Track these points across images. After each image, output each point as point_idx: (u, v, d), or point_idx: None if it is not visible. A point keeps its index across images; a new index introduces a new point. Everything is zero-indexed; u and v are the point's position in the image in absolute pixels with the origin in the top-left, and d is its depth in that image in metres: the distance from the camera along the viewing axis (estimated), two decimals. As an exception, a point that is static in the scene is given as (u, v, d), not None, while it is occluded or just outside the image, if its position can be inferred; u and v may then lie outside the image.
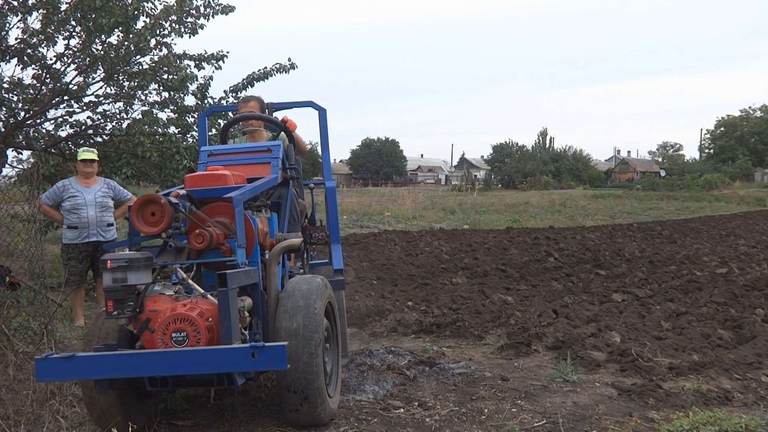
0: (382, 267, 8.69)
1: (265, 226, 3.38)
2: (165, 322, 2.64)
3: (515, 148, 65.03)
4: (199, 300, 2.79)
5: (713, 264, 8.79)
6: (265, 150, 3.82)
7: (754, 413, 3.31)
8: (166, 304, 2.74)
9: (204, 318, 2.67)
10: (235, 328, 2.68)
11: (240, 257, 2.95)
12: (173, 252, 2.95)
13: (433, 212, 21.24)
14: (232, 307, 2.65)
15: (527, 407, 3.46)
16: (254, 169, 3.70)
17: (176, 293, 2.81)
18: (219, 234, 2.95)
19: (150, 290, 2.80)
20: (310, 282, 3.15)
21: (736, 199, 29.69)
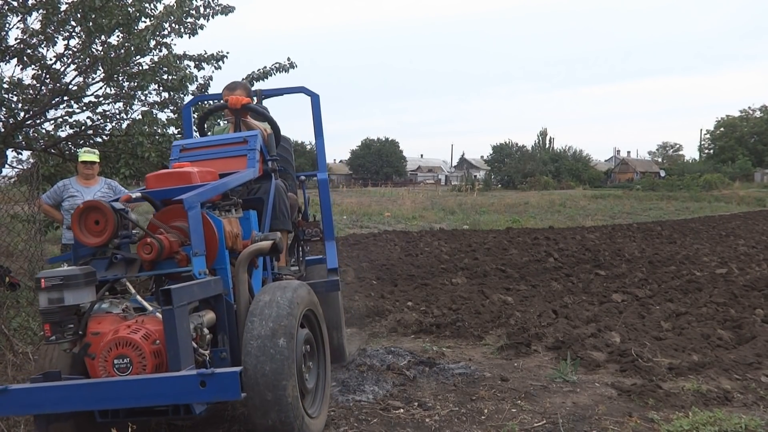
0: (381, 267, 8.70)
1: (236, 227, 3.05)
2: (106, 347, 2.31)
3: (515, 149, 65.03)
4: (146, 319, 2.44)
5: (713, 264, 8.79)
6: (241, 141, 3.49)
7: (754, 413, 3.31)
8: (110, 326, 2.40)
9: (150, 341, 2.33)
10: (184, 351, 2.32)
11: (197, 266, 2.58)
12: (123, 264, 2.64)
13: (433, 212, 21.24)
14: (179, 327, 2.28)
15: (527, 407, 3.46)
16: (229, 164, 3.40)
17: (124, 312, 2.49)
18: (173, 241, 2.63)
19: (96, 309, 2.47)
20: (282, 291, 2.74)
21: (736, 200, 29.67)
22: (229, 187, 3.11)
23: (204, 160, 3.39)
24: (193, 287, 2.44)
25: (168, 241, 2.61)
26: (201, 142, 3.66)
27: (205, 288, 2.57)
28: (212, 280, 2.65)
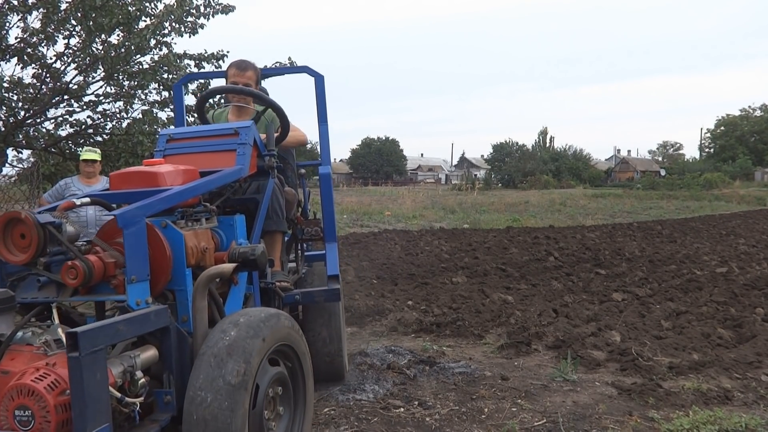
0: (382, 266, 8.69)
1: (205, 240, 2.54)
2: (7, 395, 1.89)
3: (515, 148, 65.08)
4: (61, 360, 1.93)
5: (713, 263, 8.79)
6: (231, 133, 3.03)
7: (754, 412, 3.31)
8: (22, 364, 1.98)
9: (58, 391, 1.86)
10: (95, 407, 1.82)
11: (133, 296, 2.11)
12: (55, 286, 2.20)
13: (433, 211, 21.24)
14: (88, 379, 1.79)
15: (527, 406, 3.46)
16: (216, 159, 2.97)
17: (45, 345, 2.02)
18: (109, 263, 2.16)
19: (17, 339, 2.05)
20: (238, 329, 2.17)
21: (736, 199, 29.66)
22: (199, 192, 2.60)
23: (191, 154, 3.01)
24: (116, 326, 1.93)
25: (101, 263, 2.14)
26: (190, 132, 3.23)
27: (139, 324, 2.04)
28: (153, 311, 2.13)
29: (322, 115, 4.14)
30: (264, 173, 3.18)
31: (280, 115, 3.43)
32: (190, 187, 2.54)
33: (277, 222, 3.26)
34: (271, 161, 3.18)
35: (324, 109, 4.13)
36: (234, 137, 3.03)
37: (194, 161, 2.88)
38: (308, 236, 3.81)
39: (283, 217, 3.30)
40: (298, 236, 3.76)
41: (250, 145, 3.02)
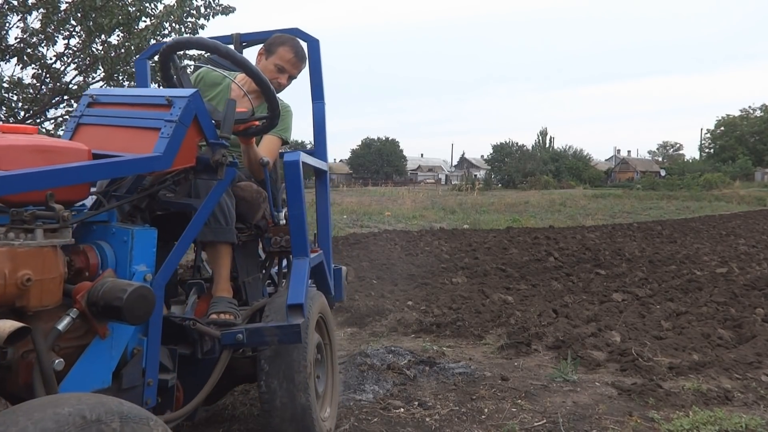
0: (382, 266, 8.69)
1: (37, 263, 1.58)
2: None
3: (515, 148, 65.11)
4: None
5: (713, 263, 8.79)
6: (164, 104, 2.10)
7: (754, 413, 3.31)
8: None
9: None
10: None
11: None
12: None
13: (433, 212, 21.24)
14: None
15: (527, 407, 3.46)
16: (135, 139, 2.10)
17: None
18: None
19: None
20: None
21: (736, 199, 29.67)
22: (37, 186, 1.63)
23: (111, 126, 2.25)
24: None
25: None
26: (118, 96, 2.47)
27: None
28: None
29: (317, 91, 3.36)
30: (209, 169, 2.20)
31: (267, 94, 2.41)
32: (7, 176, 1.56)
33: (218, 230, 2.48)
34: (223, 155, 2.18)
35: (319, 82, 3.34)
36: (164, 110, 2.09)
37: (110, 138, 2.17)
38: (277, 248, 2.85)
39: (228, 223, 2.50)
40: (266, 248, 2.87)
41: (186, 126, 2.06)
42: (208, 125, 2.19)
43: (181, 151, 2.07)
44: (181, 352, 2.29)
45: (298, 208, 2.58)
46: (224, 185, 2.30)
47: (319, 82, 3.34)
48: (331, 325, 3.04)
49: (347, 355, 4.39)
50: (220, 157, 2.19)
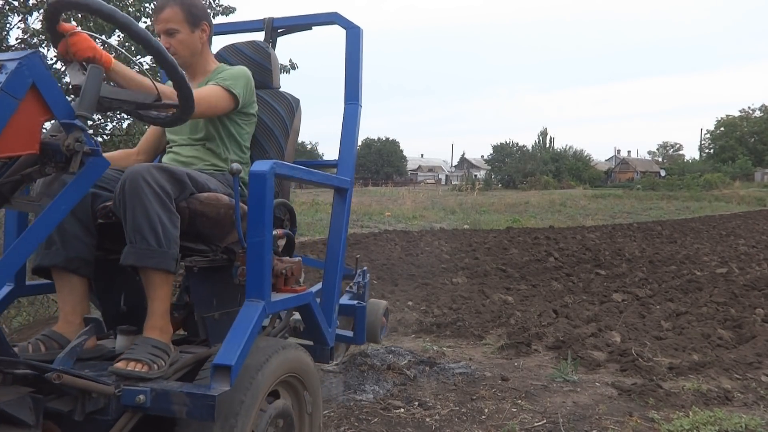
0: (382, 267, 8.70)
1: None
2: None
3: (515, 148, 65.17)
4: None
5: (713, 264, 8.80)
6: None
7: (754, 413, 3.31)
8: None
9: None
10: None
11: None
12: None
13: (434, 212, 21.24)
14: None
15: (527, 407, 3.46)
16: None
17: None
18: None
19: None
20: None
21: (736, 199, 29.69)
22: None
23: None
24: None
25: None
26: None
27: None
28: None
29: (351, 89, 2.83)
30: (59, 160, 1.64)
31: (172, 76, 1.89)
32: None
33: (145, 253, 1.95)
34: (77, 139, 1.63)
35: (355, 79, 2.82)
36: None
37: None
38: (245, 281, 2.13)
39: (162, 245, 1.96)
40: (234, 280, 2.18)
41: (14, 98, 1.52)
42: (57, 99, 1.65)
43: (8, 133, 1.52)
44: (54, 407, 1.67)
45: (259, 234, 1.97)
46: (84, 182, 1.71)
47: (355, 79, 2.82)
48: (314, 386, 2.30)
49: (347, 355, 4.39)
50: (72, 142, 1.63)
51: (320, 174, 2.57)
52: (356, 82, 2.83)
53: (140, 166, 2.00)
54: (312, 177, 2.44)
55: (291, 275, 2.25)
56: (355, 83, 2.83)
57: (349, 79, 2.84)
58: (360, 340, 3.24)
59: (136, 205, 1.95)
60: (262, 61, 2.82)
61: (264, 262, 1.97)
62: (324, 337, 2.53)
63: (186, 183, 2.12)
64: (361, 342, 3.26)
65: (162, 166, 2.07)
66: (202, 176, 2.29)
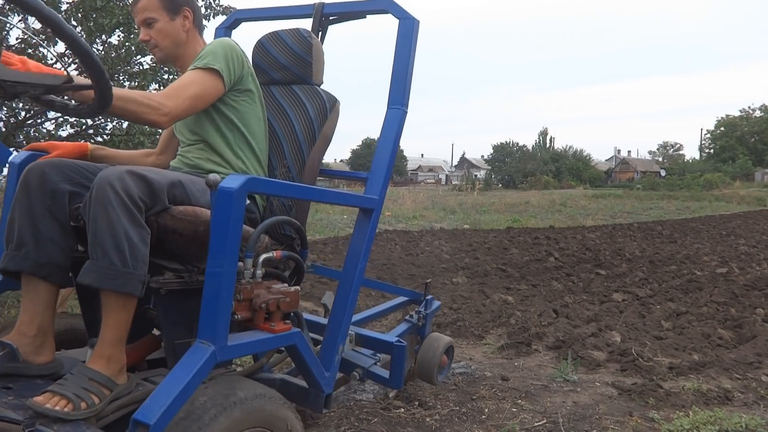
0: (382, 267, 8.69)
1: None
2: None
3: (515, 148, 65.16)
4: None
5: (713, 264, 8.80)
6: None
7: (755, 413, 3.31)
8: None
9: None
10: None
11: None
12: None
13: (434, 212, 21.24)
14: None
15: (527, 407, 3.47)
16: None
17: None
18: None
19: None
20: None
21: (737, 199, 29.68)
22: None
23: None
24: None
25: None
26: None
27: None
28: None
29: (396, 91, 2.44)
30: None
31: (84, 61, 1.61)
32: None
33: (106, 272, 1.71)
34: None
35: (403, 79, 2.43)
36: None
37: None
38: None
39: (127, 264, 1.72)
40: None
41: None
42: None
43: None
44: None
45: (217, 264, 1.63)
46: None
47: (403, 78, 2.42)
48: None
49: (348, 355, 4.39)
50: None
51: (334, 193, 2.32)
52: (404, 82, 2.43)
53: (112, 171, 1.75)
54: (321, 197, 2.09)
55: (276, 309, 1.87)
56: (402, 83, 2.43)
57: (397, 77, 2.43)
58: (397, 383, 2.78)
59: (99, 216, 1.70)
60: (302, 53, 2.47)
61: (220, 297, 1.64)
62: (317, 383, 2.11)
63: (161, 193, 1.83)
64: (397, 387, 2.84)
65: (137, 171, 1.79)
66: (200, 183, 2.00)
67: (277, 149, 2.45)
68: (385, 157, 2.36)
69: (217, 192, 1.63)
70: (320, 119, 2.44)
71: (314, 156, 2.43)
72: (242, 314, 1.81)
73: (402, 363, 2.74)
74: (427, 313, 3.19)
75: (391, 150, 2.37)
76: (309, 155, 2.41)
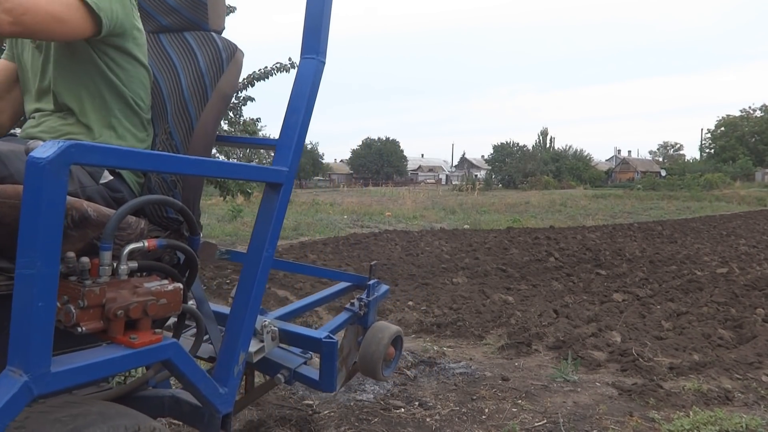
0: (382, 267, 8.69)
1: None
2: None
3: (516, 148, 65.21)
4: None
5: (714, 264, 8.79)
6: None
7: (755, 413, 3.31)
8: None
9: None
10: None
11: None
12: None
13: (434, 212, 21.24)
14: None
15: (528, 407, 3.46)
16: None
17: None
18: None
19: None
20: None
21: (737, 199, 29.70)
22: None
23: None
24: None
25: None
26: None
27: None
28: None
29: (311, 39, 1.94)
30: None
31: None
32: None
33: None
34: None
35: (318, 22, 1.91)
36: None
37: None
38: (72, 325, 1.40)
39: None
40: None
41: None
42: None
43: None
44: None
45: (29, 264, 1.20)
46: None
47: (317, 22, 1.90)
48: None
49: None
50: None
51: (222, 164, 1.87)
52: (318, 27, 1.90)
53: None
54: (199, 169, 1.54)
55: (143, 315, 1.45)
56: (316, 28, 1.90)
57: (310, 21, 1.91)
58: (328, 386, 2.27)
59: None
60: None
61: (33, 308, 1.18)
62: (209, 403, 1.66)
63: None
64: (329, 389, 2.29)
65: None
66: None
67: (160, 111, 1.93)
68: (296, 118, 1.86)
69: (27, 167, 1.19)
70: (213, 72, 1.95)
71: (206, 119, 1.93)
72: (89, 325, 1.37)
73: (333, 363, 2.26)
74: (369, 300, 2.79)
75: (305, 109, 1.87)
76: (198, 117, 1.92)
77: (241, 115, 8.31)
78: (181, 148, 1.92)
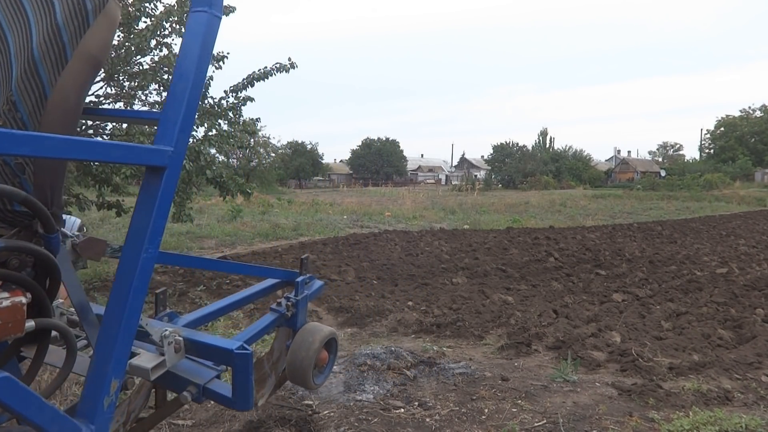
0: (382, 267, 8.69)
1: None
2: None
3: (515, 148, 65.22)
4: None
5: (713, 264, 8.80)
6: None
7: (754, 413, 3.31)
8: None
9: None
10: None
11: None
12: None
13: (434, 212, 21.23)
14: None
15: (527, 407, 3.46)
16: None
17: None
18: None
19: None
20: None
21: (737, 199, 29.71)
22: None
23: None
24: None
25: None
26: None
27: None
28: None
29: None
30: None
31: None
32: None
33: None
34: None
35: None
36: None
37: None
38: None
39: None
40: None
41: None
42: None
43: None
44: None
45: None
46: None
47: None
48: None
49: (347, 355, 4.39)
50: None
51: (74, 142, 1.21)
52: None
53: None
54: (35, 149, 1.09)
55: None
56: None
57: None
58: (243, 404, 1.86)
59: None
60: None
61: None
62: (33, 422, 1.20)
63: None
64: (243, 408, 1.87)
65: None
66: None
67: (4, 74, 1.42)
68: (184, 85, 1.47)
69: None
70: (74, 27, 1.51)
71: (65, 86, 1.53)
72: None
73: (247, 377, 1.86)
74: (298, 299, 2.46)
75: (194, 74, 1.48)
76: (52, 84, 1.51)
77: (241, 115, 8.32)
78: (30, 123, 1.50)
